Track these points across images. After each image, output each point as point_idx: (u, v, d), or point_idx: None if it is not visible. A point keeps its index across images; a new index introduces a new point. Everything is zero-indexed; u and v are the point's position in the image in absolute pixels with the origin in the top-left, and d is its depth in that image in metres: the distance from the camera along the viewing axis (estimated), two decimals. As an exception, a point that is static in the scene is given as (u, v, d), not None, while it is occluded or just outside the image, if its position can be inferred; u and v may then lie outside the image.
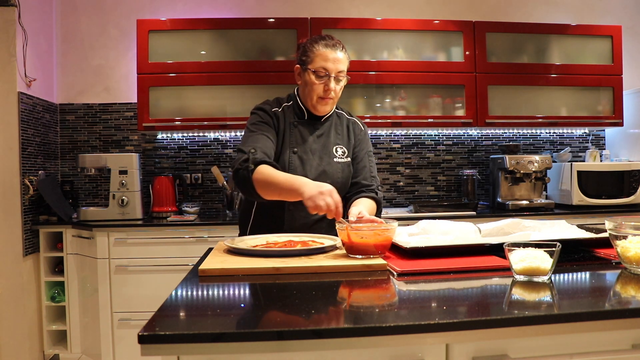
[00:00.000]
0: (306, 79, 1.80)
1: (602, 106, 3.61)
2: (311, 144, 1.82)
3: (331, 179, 1.79)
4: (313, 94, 1.79)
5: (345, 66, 1.80)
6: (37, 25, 3.26)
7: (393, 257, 1.43)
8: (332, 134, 1.86)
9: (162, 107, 3.31)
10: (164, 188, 3.35)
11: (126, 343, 2.95)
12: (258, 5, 3.65)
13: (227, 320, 0.98)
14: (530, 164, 3.37)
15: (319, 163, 1.80)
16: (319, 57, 1.76)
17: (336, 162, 1.83)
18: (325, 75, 1.76)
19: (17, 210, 2.96)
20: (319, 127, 1.85)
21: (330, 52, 1.76)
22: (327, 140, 1.85)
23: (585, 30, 3.56)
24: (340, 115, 1.94)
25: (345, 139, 1.89)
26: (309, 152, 1.81)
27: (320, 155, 1.81)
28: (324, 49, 1.77)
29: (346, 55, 1.81)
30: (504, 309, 1.01)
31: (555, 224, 1.65)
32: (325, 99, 1.79)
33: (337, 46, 1.78)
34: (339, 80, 1.80)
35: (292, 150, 1.80)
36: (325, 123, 1.87)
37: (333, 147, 1.85)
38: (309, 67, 1.78)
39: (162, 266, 2.95)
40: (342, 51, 1.79)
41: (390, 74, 3.36)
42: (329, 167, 1.81)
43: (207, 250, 1.65)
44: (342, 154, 1.85)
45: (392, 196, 3.78)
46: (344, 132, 1.90)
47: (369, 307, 1.05)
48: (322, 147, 1.83)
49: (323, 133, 1.85)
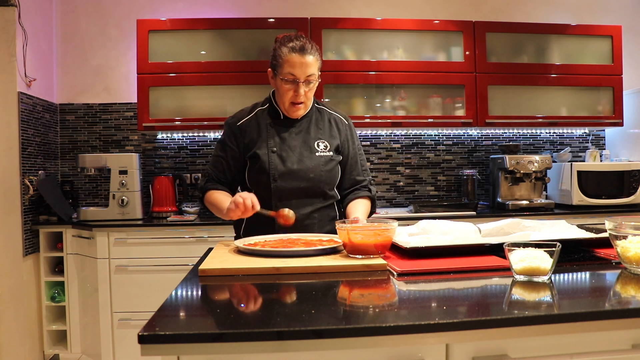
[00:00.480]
0: (277, 84, 1.82)
1: (602, 106, 3.61)
2: (290, 142, 1.83)
3: (314, 172, 1.80)
4: (285, 99, 1.81)
5: (315, 68, 1.78)
6: (37, 25, 3.26)
7: (393, 257, 1.43)
8: (312, 130, 1.86)
9: (162, 107, 3.31)
10: (164, 188, 3.35)
11: (126, 343, 2.95)
12: (258, 5, 3.65)
13: (227, 320, 0.98)
14: (530, 164, 3.37)
15: (300, 158, 1.81)
16: (287, 64, 1.75)
17: (318, 156, 1.82)
18: (294, 81, 1.77)
19: (17, 210, 2.96)
20: (296, 124, 1.86)
21: (298, 57, 1.74)
22: (307, 136, 1.85)
23: (585, 30, 3.56)
24: (321, 110, 1.93)
25: (327, 133, 1.88)
26: (288, 149, 1.82)
27: (300, 151, 1.82)
28: (291, 53, 1.75)
29: (316, 56, 1.79)
30: (504, 309, 1.01)
31: (555, 224, 1.65)
32: (296, 105, 1.80)
33: (305, 49, 1.75)
34: (309, 83, 1.79)
35: (270, 150, 1.81)
36: (303, 120, 1.87)
37: (314, 142, 1.84)
38: (278, 73, 1.79)
39: (162, 266, 2.95)
40: (310, 53, 1.76)
41: (390, 74, 3.36)
42: (309, 161, 1.81)
43: (207, 250, 1.65)
44: (324, 147, 1.84)
45: (392, 196, 3.78)
46: (326, 126, 1.89)
47: (369, 307, 1.05)
48: (301, 143, 1.84)
49: (301, 130, 1.86)
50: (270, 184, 1.79)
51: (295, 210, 1.72)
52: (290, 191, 1.79)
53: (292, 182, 1.79)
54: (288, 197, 1.80)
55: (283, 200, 1.79)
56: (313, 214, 1.82)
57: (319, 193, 1.83)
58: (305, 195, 1.81)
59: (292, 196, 1.80)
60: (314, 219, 1.81)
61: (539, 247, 1.17)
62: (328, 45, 3.36)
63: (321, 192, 1.83)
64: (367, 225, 1.43)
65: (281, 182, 1.79)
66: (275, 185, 1.79)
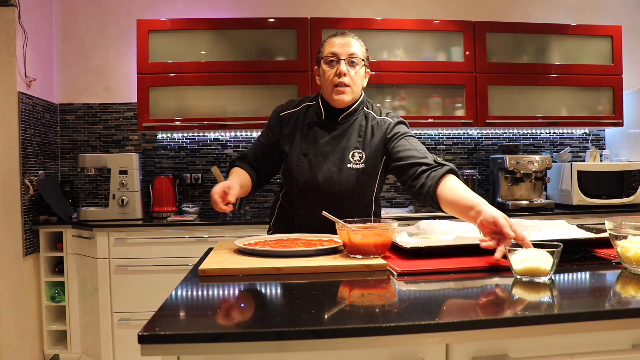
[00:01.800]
0: (320, 72, 1.77)
1: (602, 106, 3.61)
2: (324, 147, 1.74)
3: (339, 186, 1.72)
4: (328, 84, 1.73)
5: (359, 50, 1.73)
6: (37, 25, 3.25)
7: (393, 257, 1.43)
8: (352, 137, 1.75)
9: (162, 107, 3.31)
10: (164, 188, 3.35)
11: (126, 343, 2.95)
12: (258, 5, 3.65)
13: (227, 320, 0.98)
14: (530, 164, 3.37)
15: (329, 169, 1.73)
16: (328, 45, 1.75)
17: (349, 167, 1.72)
18: (335, 60, 1.71)
19: (17, 210, 2.96)
20: (336, 127, 1.76)
21: (339, 38, 1.74)
22: (345, 143, 1.74)
23: (585, 30, 3.56)
24: (368, 115, 1.79)
25: (368, 142, 1.75)
26: (320, 155, 1.74)
27: (333, 160, 1.73)
28: (332, 38, 1.76)
29: (359, 42, 1.76)
30: (504, 309, 1.01)
31: (556, 224, 1.65)
32: (340, 87, 1.70)
33: (347, 34, 1.76)
34: (353, 64, 1.71)
35: (302, 152, 1.76)
36: (345, 122, 1.76)
37: (349, 152, 1.73)
38: (321, 59, 1.77)
39: (162, 266, 2.95)
40: (353, 38, 1.75)
41: (390, 74, 3.36)
42: (338, 174, 1.72)
43: (207, 250, 1.65)
44: (358, 159, 1.73)
45: (392, 196, 3.78)
46: (368, 135, 1.75)
47: (369, 307, 1.05)
48: (335, 150, 1.74)
49: (340, 135, 1.75)
50: (294, 188, 1.78)
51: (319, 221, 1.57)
52: (314, 200, 1.74)
53: (316, 190, 1.74)
54: (312, 205, 1.74)
55: (306, 209, 1.77)
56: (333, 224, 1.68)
57: (343, 206, 1.72)
58: (328, 207, 1.60)
59: (316, 205, 1.69)
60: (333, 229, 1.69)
61: (541, 248, 1.17)
62: (328, 45, 3.36)
63: (345, 206, 1.73)
64: (367, 225, 1.43)
65: (305, 188, 1.76)
66: (298, 190, 1.77)
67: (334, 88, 1.71)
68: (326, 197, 1.73)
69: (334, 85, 1.71)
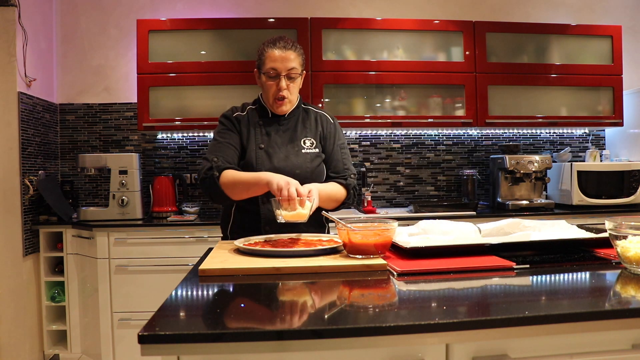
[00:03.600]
0: (261, 82, 1.88)
1: (602, 106, 3.61)
2: (276, 139, 1.87)
3: (300, 168, 1.83)
4: (269, 95, 1.86)
5: (297, 63, 1.84)
6: (37, 25, 3.26)
7: (393, 257, 1.43)
8: (298, 128, 1.91)
9: (162, 107, 3.31)
10: (164, 188, 3.35)
11: (126, 343, 2.95)
12: (258, 5, 3.65)
13: (227, 320, 0.98)
14: (530, 164, 3.37)
15: (286, 155, 1.84)
16: (268, 59, 1.82)
17: (304, 153, 1.86)
18: (276, 75, 1.82)
19: (17, 210, 2.96)
20: (283, 122, 1.91)
21: (279, 52, 1.81)
22: (294, 133, 1.89)
23: (585, 30, 3.56)
24: (308, 110, 1.98)
25: (314, 131, 1.92)
26: (275, 145, 1.86)
27: (287, 149, 1.86)
28: (273, 50, 1.82)
29: (297, 52, 1.85)
30: (504, 308, 1.01)
31: (556, 224, 1.65)
32: (280, 100, 1.84)
33: (285, 45, 1.82)
34: (292, 78, 1.84)
35: (258, 146, 1.85)
36: (290, 119, 1.92)
37: (300, 140, 1.89)
38: (261, 70, 1.85)
39: (162, 266, 2.95)
40: (291, 49, 1.82)
41: (390, 74, 3.36)
42: (296, 157, 1.85)
43: (207, 250, 1.65)
44: (310, 144, 1.89)
45: (392, 196, 3.78)
46: (312, 124, 1.94)
47: (369, 307, 1.05)
48: (288, 140, 1.88)
49: (289, 128, 1.90)
50: None
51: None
52: None
53: None
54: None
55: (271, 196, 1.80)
56: None
57: None
58: None
59: None
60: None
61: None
62: (328, 45, 3.36)
63: None
64: (367, 225, 1.43)
65: None
66: None
67: (275, 100, 1.85)
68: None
69: (275, 97, 1.85)
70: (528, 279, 1.22)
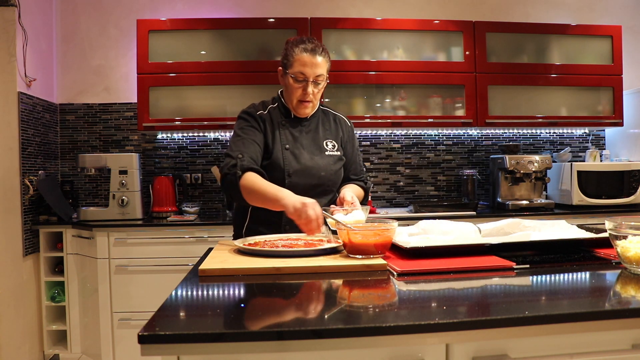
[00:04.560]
0: (286, 82, 1.86)
1: (602, 106, 3.61)
2: (301, 140, 1.87)
3: (325, 170, 1.85)
4: (293, 97, 1.85)
5: (324, 69, 1.83)
6: (37, 25, 3.25)
7: (393, 257, 1.43)
8: (320, 130, 1.92)
9: (162, 107, 3.31)
10: (164, 188, 3.35)
11: (126, 343, 2.95)
12: (258, 5, 3.65)
13: (227, 320, 0.98)
14: (530, 164, 3.37)
15: (311, 157, 1.85)
16: (298, 62, 1.80)
17: (328, 155, 1.88)
18: (304, 80, 1.81)
19: (17, 210, 2.96)
20: (305, 124, 1.91)
21: (309, 57, 1.79)
22: (316, 135, 1.90)
23: (585, 30, 3.56)
24: (326, 112, 1.99)
25: (334, 133, 1.94)
26: (300, 147, 1.86)
27: (311, 150, 1.86)
28: (302, 53, 1.80)
29: (326, 58, 1.84)
30: (504, 308, 1.01)
31: (556, 224, 1.65)
32: (304, 102, 1.84)
33: (315, 50, 1.81)
34: (318, 84, 1.83)
35: (284, 147, 1.84)
36: (312, 120, 1.92)
37: (323, 142, 1.90)
38: (289, 71, 1.83)
39: (162, 266, 2.95)
40: (321, 55, 1.82)
41: (390, 74, 3.36)
42: (321, 160, 1.86)
43: (207, 250, 1.65)
44: (332, 147, 1.90)
45: (392, 196, 3.78)
46: (332, 126, 1.95)
47: (369, 307, 1.05)
48: (312, 142, 1.88)
49: (311, 129, 1.91)
50: (285, 179, 1.80)
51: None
52: (303, 188, 1.79)
53: (305, 179, 1.82)
54: (300, 193, 1.76)
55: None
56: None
57: (327, 191, 1.89)
58: (316, 193, 1.82)
59: (304, 193, 1.75)
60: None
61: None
62: (328, 45, 3.36)
63: (329, 191, 1.89)
64: (367, 226, 1.43)
65: (295, 178, 1.82)
66: (289, 181, 1.81)
67: (299, 103, 1.85)
68: (315, 182, 1.84)
69: (299, 100, 1.84)
70: (528, 279, 1.22)
